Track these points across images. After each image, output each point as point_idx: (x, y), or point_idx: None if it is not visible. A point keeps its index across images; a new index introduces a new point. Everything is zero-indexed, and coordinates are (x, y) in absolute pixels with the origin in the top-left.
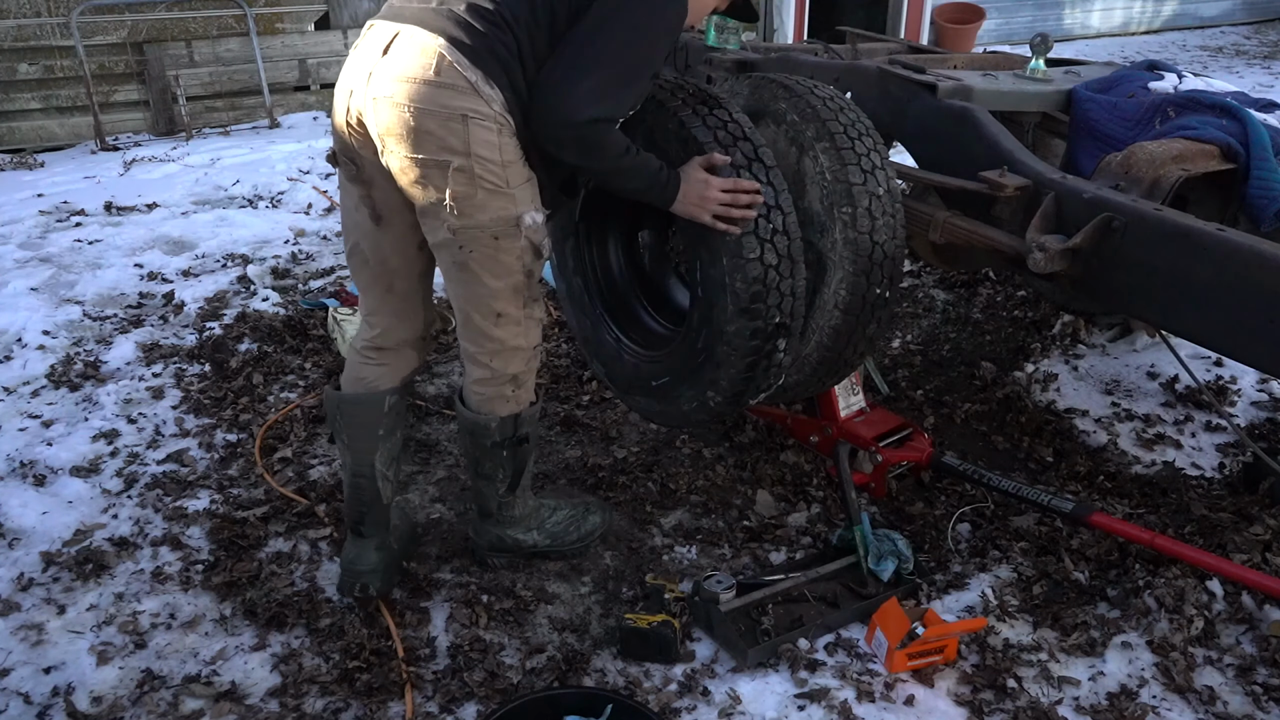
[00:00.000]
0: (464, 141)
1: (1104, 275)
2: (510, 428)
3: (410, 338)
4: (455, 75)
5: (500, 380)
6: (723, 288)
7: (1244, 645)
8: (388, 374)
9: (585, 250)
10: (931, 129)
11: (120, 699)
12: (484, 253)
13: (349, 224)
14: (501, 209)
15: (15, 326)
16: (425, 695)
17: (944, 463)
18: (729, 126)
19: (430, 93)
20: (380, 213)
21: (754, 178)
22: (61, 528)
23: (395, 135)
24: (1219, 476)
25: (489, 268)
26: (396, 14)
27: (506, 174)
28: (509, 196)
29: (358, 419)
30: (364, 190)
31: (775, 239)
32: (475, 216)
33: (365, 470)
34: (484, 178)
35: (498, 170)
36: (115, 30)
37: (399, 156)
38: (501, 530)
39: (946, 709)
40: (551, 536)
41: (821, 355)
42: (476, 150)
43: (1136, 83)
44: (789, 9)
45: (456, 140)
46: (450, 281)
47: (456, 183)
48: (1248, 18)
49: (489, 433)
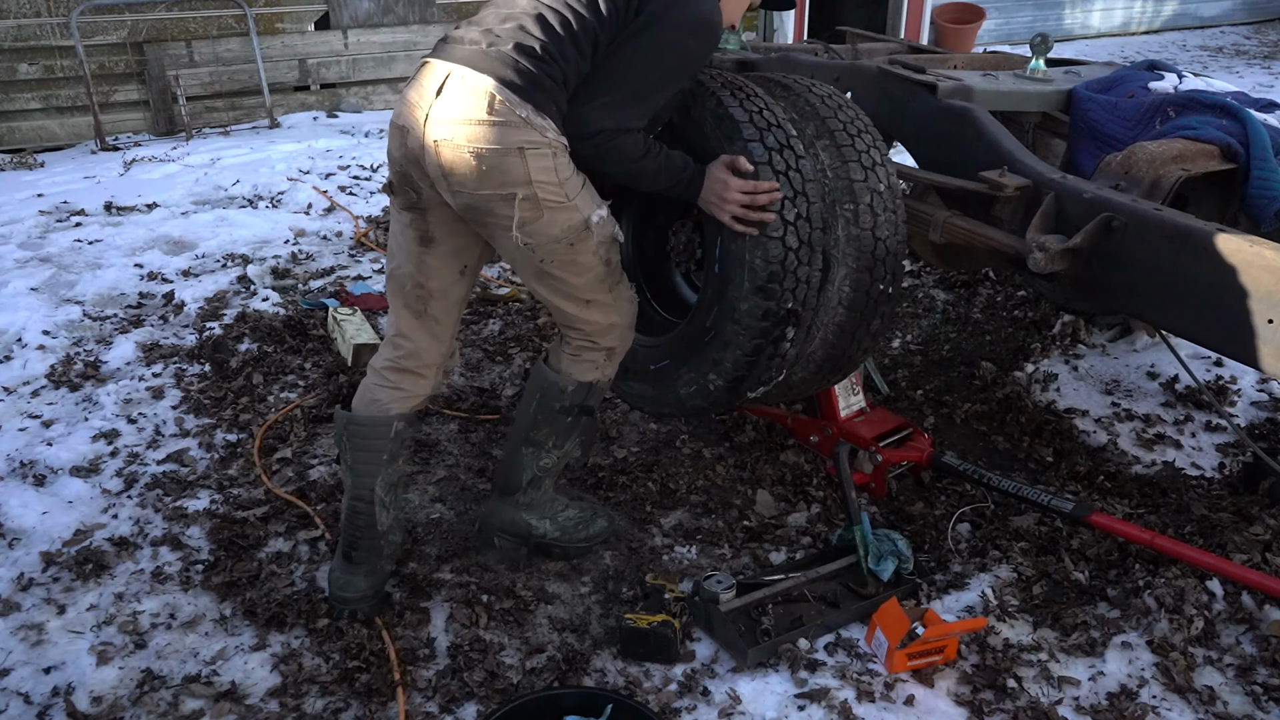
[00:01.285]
0: (524, 172)
1: (1104, 275)
2: (583, 394)
3: (433, 361)
4: (508, 112)
5: (597, 349)
6: (741, 263)
7: (1244, 645)
8: (401, 399)
9: None
10: (931, 129)
11: (120, 699)
12: (562, 259)
13: (395, 246)
14: (569, 220)
15: (15, 326)
16: (425, 695)
17: (944, 463)
18: (764, 113)
19: (487, 132)
20: (431, 235)
21: (784, 163)
22: (61, 528)
23: (459, 175)
24: (1219, 476)
25: (570, 269)
26: (449, 54)
27: (565, 189)
28: (572, 208)
29: (364, 441)
30: (418, 215)
31: (799, 223)
32: (547, 232)
33: (365, 494)
34: (547, 200)
35: (557, 189)
36: (115, 30)
37: (465, 194)
38: (517, 513)
39: (946, 709)
40: (562, 530)
41: (827, 352)
42: (537, 178)
43: (1136, 83)
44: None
45: (518, 173)
46: (535, 286)
47: (524, 210)
48: (1248, 18)
49: (562, 395)
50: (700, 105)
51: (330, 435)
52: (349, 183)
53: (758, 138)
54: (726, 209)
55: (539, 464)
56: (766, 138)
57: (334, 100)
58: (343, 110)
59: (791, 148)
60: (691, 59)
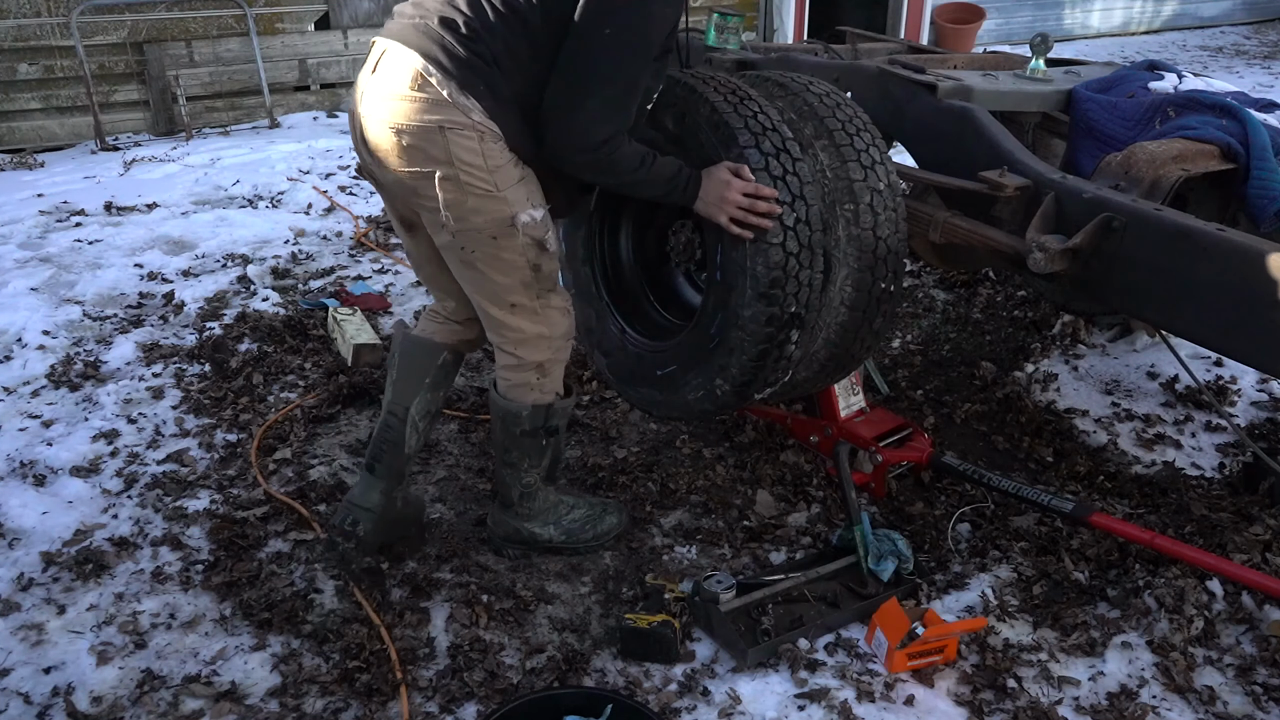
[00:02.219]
0: (445, 151)
1: (1104, 275)
2: (541, 417)
3: (469, 315)
4: (431, 89)
5: (525, 367)
6: (743, 271)
7: (1244, 645)
8: (449, 333)
9: (596, 241)
10: (931, 129)
11: (120, 699)
12: (486, 252)
13: (395, 229)
14: (495, 211)
15: (15, 326)
16: (425, 695)
17: (944, 463)
18: (759, 117)
19: (408, 108)
20: (405, 222)
21: (781, 167)
22: (61, 528)
23: (385, 151)
24: (1219, 476)
25: (493, 265)
26: (387, 30)
27: (495, 178)
28: (500, 199)
29: (413, 359)
30: (388, 201)
31: (798, 228)
32: (470, 220)
33: (399, 411)
34: (471, 184)
35: (484, 175)
36: (115, 30)
37: (390, 172)
38: (519, 523)
39: (946, 709)
40: (567, 533)
41: (830, 352)
42: (459, 157)
43: (1136, 83)
44: (789, 9)
45: (438, 151)
46: (461, 279)
47: (445, 190)
48: (1248, 18)
49: (519, 420)
50: (695, 111)
51: (330, 436)
52: (349, 183)
53: (754, 143)
54: (726, 210)
55: (522, 481)
56: (763, 142)
57: (334, 100)
58: (343, 110)
59: (788, 151)
60: (662, 27)
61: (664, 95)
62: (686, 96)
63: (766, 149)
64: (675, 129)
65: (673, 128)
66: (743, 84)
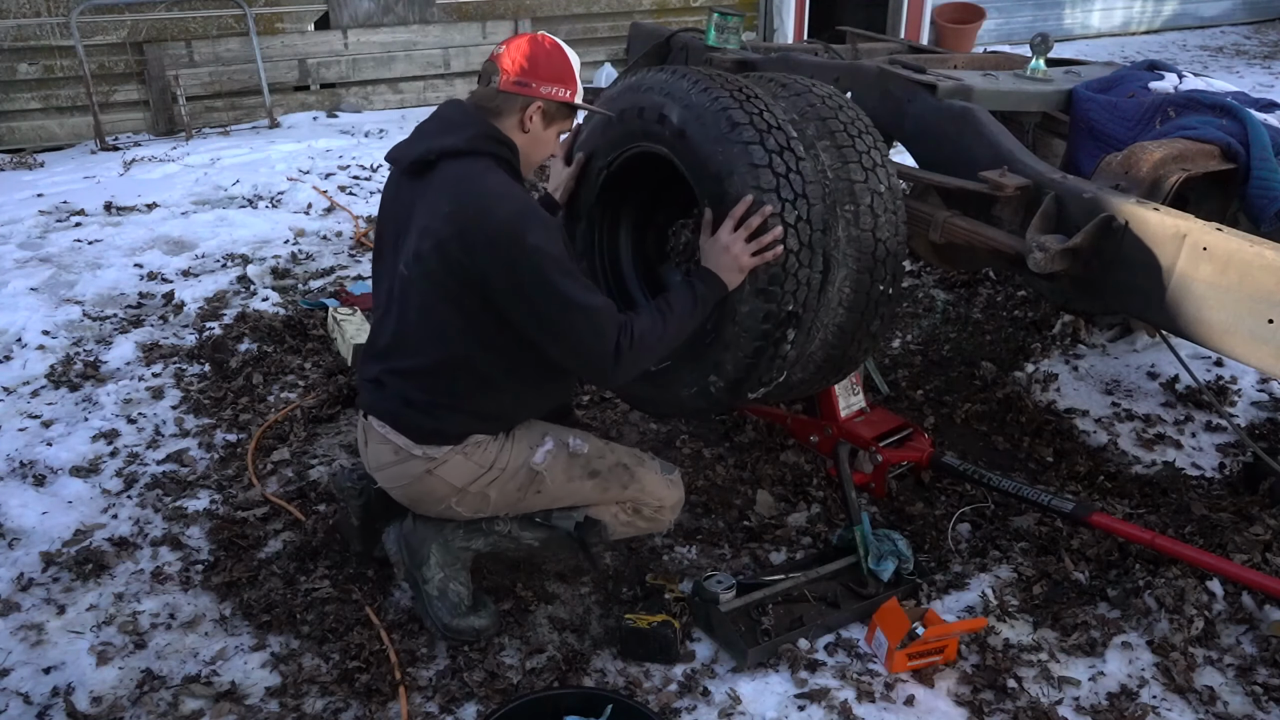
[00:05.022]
0: (445, 484)
1: (1104, 275)
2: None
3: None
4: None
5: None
6: None
7: (1244, 645)
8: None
9: (596, 235)
10: (932, 129)
11: (120, 699)
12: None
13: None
14: (515, 480)
15: (15, 326)
16: (425, 695)
17: (944, 463)
18: (764, 115)
19: (397, 472)
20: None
21: (785, 165)
22: (61, 528)
23: (410, 504)
24: (1219, 476)
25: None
26: (362, 400)
27: (495, 467)
28: (510, 472)
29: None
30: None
31: (799, 226)
32: (506, 499)
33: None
34: (480, 487)
35: (485, 473)
36: (115, 30)
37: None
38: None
39: (946, 709)
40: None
41: (827, 353)
42: (458, 483)
43: (1136, 83)
44: (789, 9)
45: (441, 488)
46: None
47: (468, 504)
48: (1248, 18)
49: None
50: (707, 112)
51: (330, 436)
52: (349, 183)
53: (758, 140)
54: (744, 265)
55: (492, 524)
56: (767, 140)
57: (334, 100)
58: (343, 110)
59: (792, 150)
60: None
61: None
62: (698, 96)
63: (771, 146)
64: (681, 119)
65: (677, 119)
66: (748, 82)
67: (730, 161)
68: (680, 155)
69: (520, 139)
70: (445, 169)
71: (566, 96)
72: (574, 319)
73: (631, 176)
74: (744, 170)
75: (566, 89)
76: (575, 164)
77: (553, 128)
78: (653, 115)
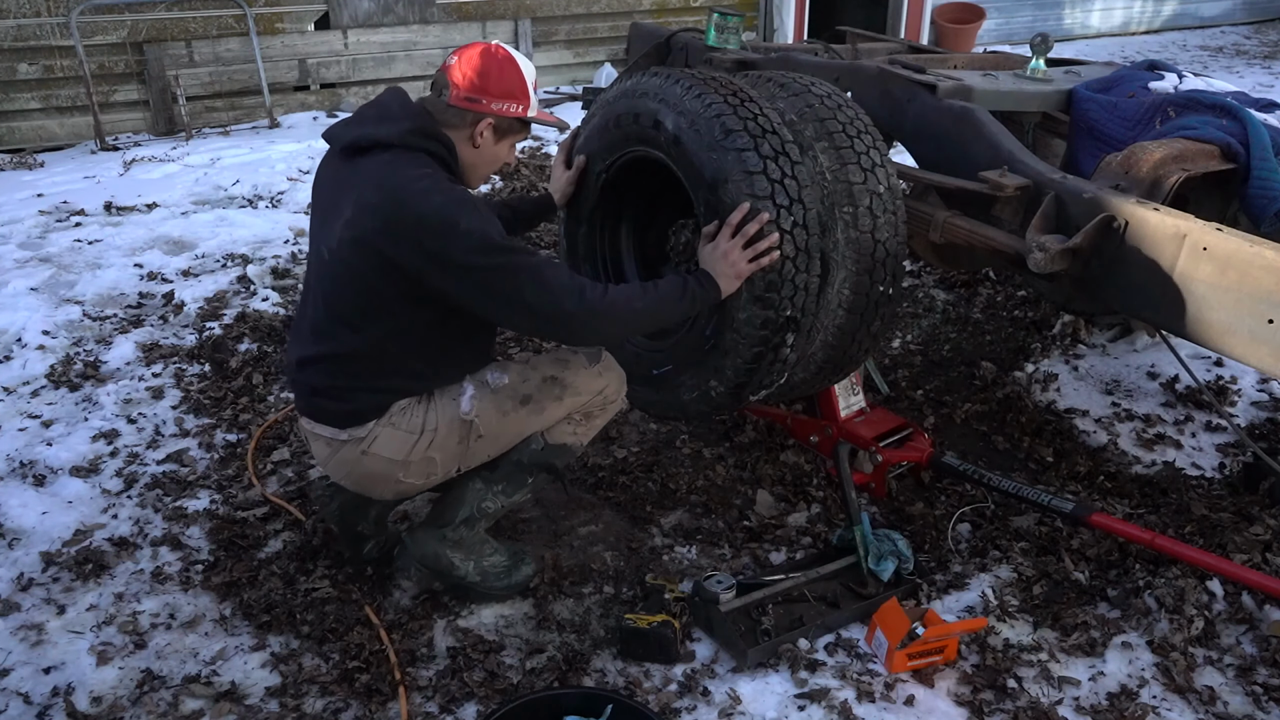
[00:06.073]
0: (384, 460)
1: (1104, 275)
2: (552, 454)
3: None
4: (334, 445)
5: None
6: None
7: (1244, 645)
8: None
9: (597, 239)
10: (931, 129)
11: (120, 699)
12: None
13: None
14: (451, 434)
15: (15, 326)
16: (425, 695)
17: (944, 463)
18: (758, 119)
19: (338, 462)
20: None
21: (779, 170)
22: (61, 528)
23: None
24: (1219, 476)
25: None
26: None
27: (425, 429)
28: (444, 429)
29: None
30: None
31: (795, 232)
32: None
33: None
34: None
35: (419, 439)
36: (115, 30)
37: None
38: (442, 548)
39: (946, 709)
40: (484, 574)
41: (827, 354)
42: (395, 456)
43: (1136, 83)
44: (789, 9)
45: (380, 466)
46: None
47: (416, 473)
48: (1248, 18)
49: (526, 449)
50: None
51: None
52: None
53: (752, 146)
54: (741, 271)
55: (480, 504)
56: (762, 145)
57: (334, 100)
58: (343, 110)
59: (788, 154)
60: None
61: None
62: (694, 100)
63: (765, 151)
64: (675, 125)
65: (672, 125)
66: (744, 85)
67: (725, 168)
68: (676, 161)
69: (469, 153)
70: (376, 157)
71: (518, 111)
72: (521, 284)
73: (631, 178)
74: (739, 177)
75: (518, 104)
76: (575, 167)
77: (505, 141)
78: (648, 121)
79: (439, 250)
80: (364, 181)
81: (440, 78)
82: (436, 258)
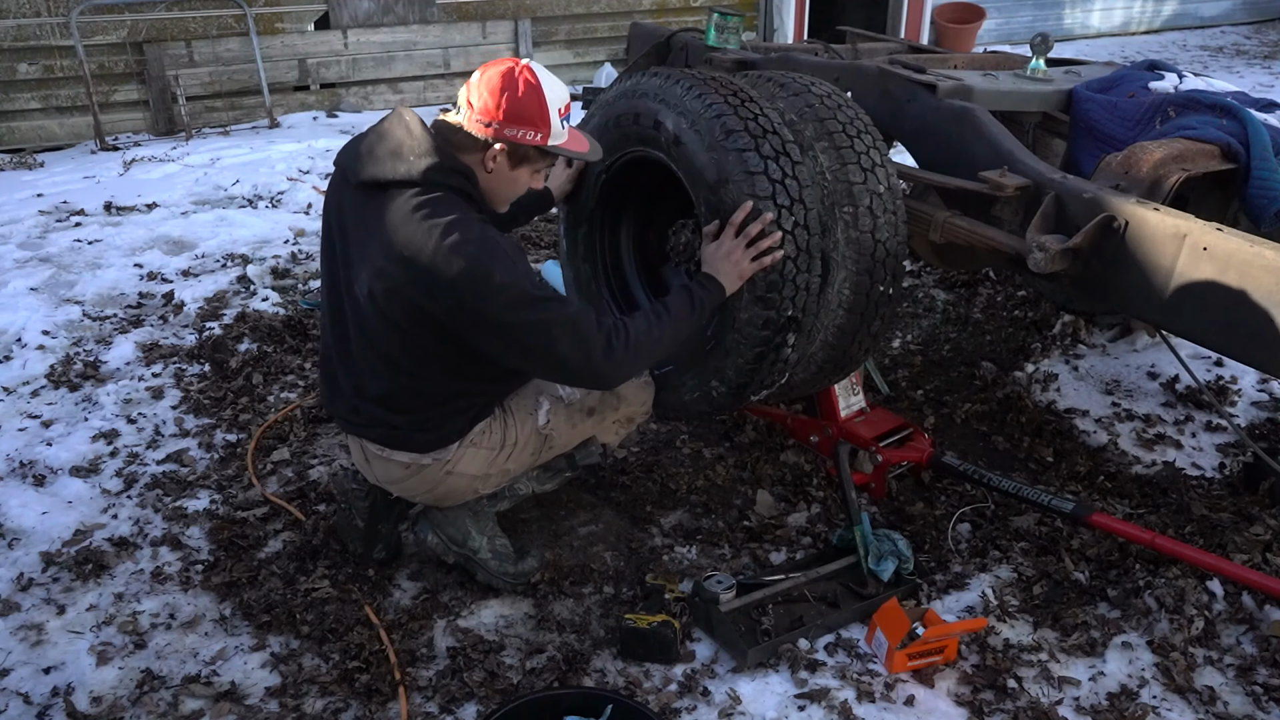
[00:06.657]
0: (468, 477)
1: (1104, 275)
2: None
3: None
4: (415, 467)
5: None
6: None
7: (1244, 645)
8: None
9: (597, 238)
10: (931, 129)
11: (120, 699)
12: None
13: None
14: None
15: (15, 326)
16: (425, 695)
17: (944, 463)
18: (759, 120)
19: (417, 483)
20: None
21: (780, 170)
22: (61, 528)
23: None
24: (1219, 476)
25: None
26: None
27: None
28: (524, 442)
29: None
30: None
31: (796, 232)
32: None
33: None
34: (501, 464)
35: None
36: (115, 30)
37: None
38: (463, 516)
39: (946, 709)
40: (494, 554)
41: (827, 354)
42: (477, 472)
43: (1136, 83)
44: (789, 9)
45: (464, 481)
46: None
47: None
48: (1248, 18)
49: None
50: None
51: (330, 436)
52: None
53: (753, 146)
54: (744, 270)
55: (514, 485)
56: (762, 145)
57: (334, 100)
58: (342, 110)
59: (788, 154)
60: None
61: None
62: (694, 100)
63: (766, 152)
64: (674, 124)
65: (673, 125)
66: (744, 85)
67: (726, 168)
68: (677, 161)
69: (485, 179)
70: (397, 198)
71: (536, 140)
72: (555, 338)
73: (631, 178)
74: (740, 177)
75: (535, 131)
76: (575, 165)
77: (524, 168)
78: (648, 121)
79: (476, 308)
80: (393, 230)
81: (459, 95)
82: (472, 313)
